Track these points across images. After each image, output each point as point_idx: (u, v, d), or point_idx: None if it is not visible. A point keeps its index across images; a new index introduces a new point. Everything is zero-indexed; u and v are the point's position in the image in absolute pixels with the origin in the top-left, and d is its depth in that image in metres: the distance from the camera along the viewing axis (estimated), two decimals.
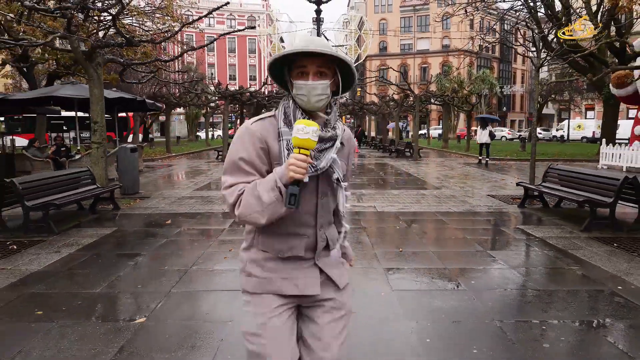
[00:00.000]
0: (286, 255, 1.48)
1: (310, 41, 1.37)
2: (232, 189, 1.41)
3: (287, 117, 1.44)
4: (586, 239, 5.33)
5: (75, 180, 7.10)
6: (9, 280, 4.00)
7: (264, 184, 1.36)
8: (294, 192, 1.30)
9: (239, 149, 1.43)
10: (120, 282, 3.95)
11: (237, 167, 1.42)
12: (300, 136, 1.29)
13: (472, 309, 3.30)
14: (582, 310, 3.30)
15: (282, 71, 1.46)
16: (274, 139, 1.42)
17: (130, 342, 2.83)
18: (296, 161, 1.29)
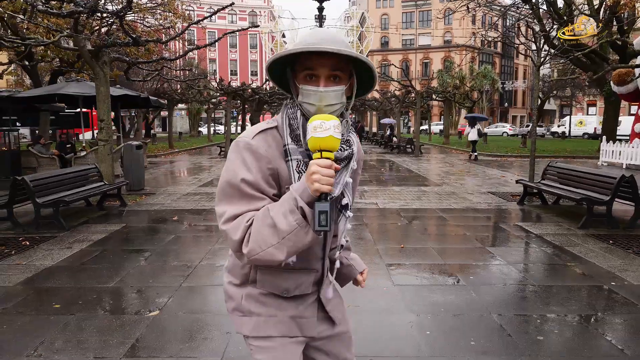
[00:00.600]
0: (292, 294, 1.26)
1: (322, 37, 1.12)
2: (237, 221, 1.11)
3: (294, 131, 1.17)
4: (583, 236, 5.47)
5: (83, 178, 7.25)
6: (25, 275, 4.16)
7: (278, 207, 1.07)
8: (323, 209, 1.02)
9: (239, 169, 1.13)
10: (132, 277, 4.10)
11: (239, 192, 1.12)
12: (319, 134, 1.03)
13: (471, 303, 3.45)
14: (577, 305, 3.45)
15: (284, 71, 1.22)
16: (280, 157, 1.16)
17: (146, 334, 2.98)
18: (320, 168, 1.02)
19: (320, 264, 1.28)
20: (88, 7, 4.96)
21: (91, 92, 10.81)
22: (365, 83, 1.25)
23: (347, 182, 1.17)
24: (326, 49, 1.07)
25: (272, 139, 1.17)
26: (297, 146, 1.16)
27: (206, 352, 2.74)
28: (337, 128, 1.04)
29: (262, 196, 1.13)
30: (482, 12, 39.28)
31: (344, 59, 1.14)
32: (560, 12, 16.75)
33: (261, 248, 1.07)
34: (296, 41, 1.16)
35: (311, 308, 1.30)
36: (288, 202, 1.06)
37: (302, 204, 1.04)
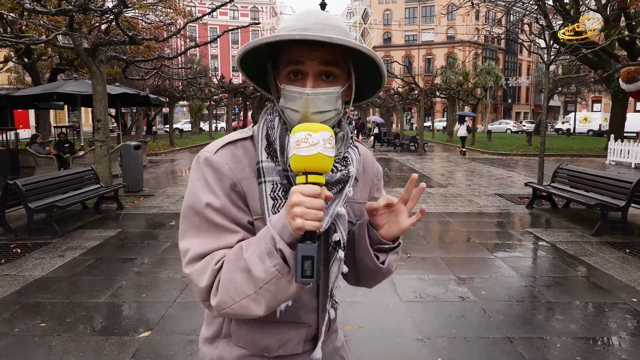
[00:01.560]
0: (274, 355, 0.97)
1: (312, 22, 0.86)
2: (203, 262, 0.86)
3: (271, 144, 0.91)
4: (597, 244, 5.24)
5: (78, 180, 7.04)
6: (13, 288, 3.96)
7: (253, 247, 0.83)
8: (309, 253, 0.77)
9: (201, 192, 0.89)
10: (125, 291, 3.90)
11: (205, 222, 0.88)
12: (304, 152, 0.76)
13: (483, 323, 3.23)
14: (597, 325, 3.22)
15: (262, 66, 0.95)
16: (251, 178, 0.91)
17: (136, 358, 2.78)
18: (304, 198, 0.76)
19: (314, 317, 0.99)
20: (78, 5, 4.73)
21: (88, 91, 10.61)
22: (369, 82, 0.96)
23: (339, 213, 0.90)
24: (316, 37, 0.80)
25: (243, 153, 0.92)
26: (274, 164, 0.90)
27: None
28: (328, 142, 0.77)
29: (234, 227, 0.88)
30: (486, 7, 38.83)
31: (341, 51, 0.86)
32: (567, 8, 16.42)
33: (234, 300, 0.83)
34: (280, 26, 0.90)
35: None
36: (264, 240, 0.81)
37: (281, 246, 0.79)
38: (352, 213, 1.00)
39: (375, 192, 1.09)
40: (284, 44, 0.86)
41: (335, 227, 0.91)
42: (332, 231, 0.91)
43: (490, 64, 38.24)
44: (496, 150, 19.26)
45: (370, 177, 1.07)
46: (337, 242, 0.91)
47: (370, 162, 1.08)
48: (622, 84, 14.33)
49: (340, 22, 0.91)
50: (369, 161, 1.08)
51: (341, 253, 0.91)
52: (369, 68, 0.92)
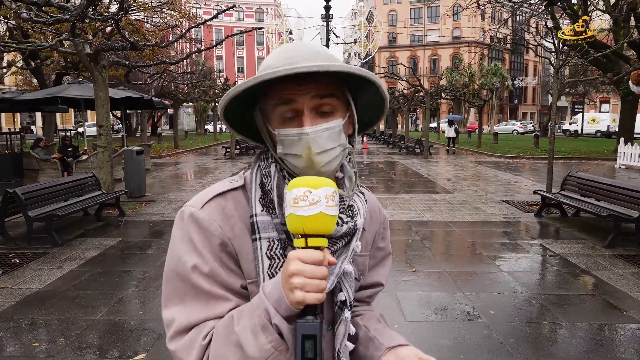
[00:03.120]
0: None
1: (296, 54, 0.76)
2: (190, 336, 0.75)
3: (267, 194, 0.80)
4: (610, 257, 5.07)
5: (80, 187, 6.98)
6: (9, 302, 3.88)
7: (247, 320, 0.71)
8: (310, 331, 0.67)
9: (186, 253, 0.78)
10: (121, 307, 3.80)
11: (191, 288, 0.77)
12: (303, 212, 0.67)
13: (494, 348, 3.08)
14: (612, 351, 3.07)
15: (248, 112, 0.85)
16: (243, 236, 0.80)
17: None
18: (304, 266, 0.66)
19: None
20: (74, 15, 4.64)
21: (92, 95, 10.59)
22: (370, 107, 0.87)
23: (345, 271, 0.81)
24: (305, 68, 0.70)
25: (233, 206, 0.81)
26: (270, 217, 0.79)
27: None
28: (331, 199, 0.68)
29: (225, 294, 0.77)
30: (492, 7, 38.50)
31: (334, 79, 0.78)
32: (574, 9, 16.18)
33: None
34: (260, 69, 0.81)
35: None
36: (257, 312, 0.70)
37: (277, 321, 0.68)
38: (356, 268, 0.89)
39: (380, 242, 0.99)
40: (269, 86, 0.75)
41: (341, 286, 0.82)
42: (338, 290, 0.82)
43: (496, 64, 37.96)
44: (503, 154, 19.04)
45: (376, 226, 0.97)
46: (343, 302, 0.82)
47: (377, 208, 0.99)
48: (632, 86, 14.08)
49: (324, 49, 0.81)
50: (375, 208, 0.98)
51: (347, 313, 0.83)
52: (367, 92, 0.83)
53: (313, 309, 0.68)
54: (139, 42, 6.37)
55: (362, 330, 0.92)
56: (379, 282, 1.00)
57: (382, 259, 1.00)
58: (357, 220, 0.82)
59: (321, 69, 0.71)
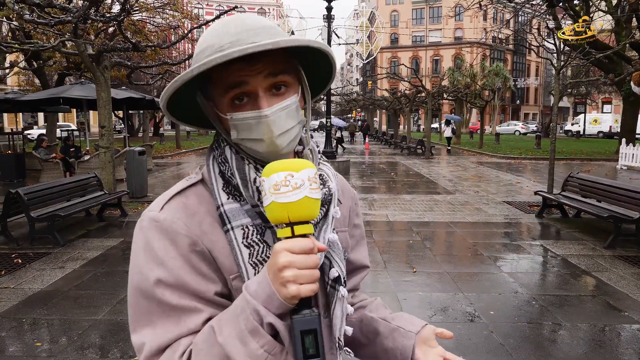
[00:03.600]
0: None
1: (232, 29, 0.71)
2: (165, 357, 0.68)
3: (230, 181, 0.76)
4: (610, 258, 5.07)
5: (82, 187, 7.01)
6: (11, 302, 3.90)
7: (230, 327, 0.65)
8: (309, 326, 0.63)
9: (147, 266, 0.71)
10: (124, 306, 3.81)
11: (157, 305, 0.69)
12: (287, 198, 0.63)
13: (493, 348, 3.09)
14: (611, 352, 3.07)
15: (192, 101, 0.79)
16: (214, 230, 0.74)
17: None
18: (295, 257, 0.62)
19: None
20: (77, 17, 4.67)
21: (94, 96, 10.63)
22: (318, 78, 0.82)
23: (330, 241, 0.75)
24: (259, 47, 0.64)
25: (196, 201, 0.75)
26: (239, 204, 0.73)
27: None
28: (313, 181, 0.64)
29: (196, 305, 0.70)
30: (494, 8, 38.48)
31: (285, 54, 0.72)
32: (576, 9, 16.16)
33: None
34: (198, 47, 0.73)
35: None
36: (244, 315, 0.64)
37: (270, 320, 0.63)
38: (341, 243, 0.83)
39: (355, 218, 0.94)
40: (214, 68, 0.66)
41: (331, 262, 0.76)
42: (328, 267, 0.76)
43: (498, 65, 37.91)
44: (505, 154, 19.03)
45: (349, 201, 0.92)
46: (336, 279, 0.76)
47: (346, 184, 0.94)
48: (633, 87, 14.06)
49: (264, 20, 0.75)
50: (344, 183, 0.93)
51: (343, 290, 0.76)
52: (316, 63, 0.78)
53: (308, 301, 0.63)
54: (141, 42, 6.39)
55: (381, 324, 0.88)
56: (364, 264, 0.96)
57: (360, 238, 0.96)
58: (330, 185, 0.78)
59: (275, 46, 0.65)
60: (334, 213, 0.77)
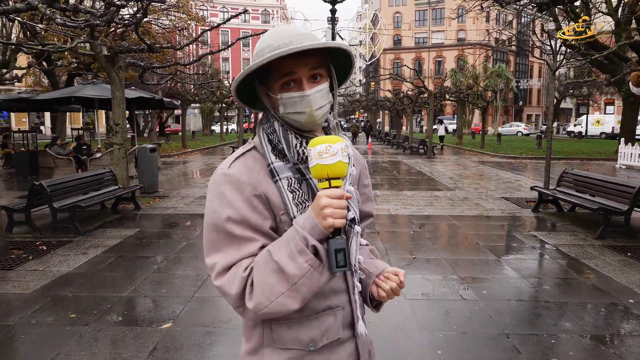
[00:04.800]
0: (320, 344, 1.04)
1: (291, 35, 0.98)
2: (231, 273, 0.95)
3: (276, 146, 1.03)
4: (600, 247, 5.37)
5: (98, 182, 7.37)
6: (42, 282, 4.25)
7: (282, 249, 0.92)
8: (341, 246, 0.90)
9: (220, 208, 0.97)
10: (146, 286, 4.16)
11: (226, 236, 0.96)
12: (327, 161, 0.89)
13: (483, 320, 3.41)
14: (593, 324, 3.39)
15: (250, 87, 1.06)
16: (267, 179, 1.00)
17: (159, 346, 3.02)
18: (331, 200, 0.88)
19: (345, 299, 1.07)
20: (105, 20, 5.03)
21: (106, 95, 10.98)
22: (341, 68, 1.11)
23: (349, 191, 1.01)
24: (306, 47, 0.93)
25: (253, 161, 1.03)
26: (283, 162, 1.01)
27: None
28: (344, 151, 0.91)
29: (254, 235, 0.96)
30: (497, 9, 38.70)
31: (320, 53, 1.00)
32: (576, 11, 16.43)
33: (270, 299, 0.91)
34: (258, 47, 1.02)
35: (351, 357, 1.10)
36: (294, 241, 0.91)
37: (314, 243, 0.89)
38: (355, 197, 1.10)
39: (365, 179, 1.22)
40: (271, 61, 0.95)
41: (349, 207, 0.99)
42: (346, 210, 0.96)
43: (500, 66, 38.08)
44: (506, 154, 19.29)
45: (360, 167, 1.19)
46: (352, 219, 1.01)
47: (359, 155, 1.22)
48: (632, 87, 14.32)
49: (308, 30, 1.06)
50: (357, 154, 1.20)
51: (357, 228, 1.02)
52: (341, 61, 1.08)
53: (339, 231, 0.90)
54: (155, 44, 6.74)
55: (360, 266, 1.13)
56: (370, 212, 1.23)
57: (369, 194, 1.24)
58: (349, 152, 1.04)
59: (315, 47, 0.94)
60: (351, 171, 1.04)
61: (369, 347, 1.17)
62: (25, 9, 4.79)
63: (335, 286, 1.05)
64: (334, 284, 1.04)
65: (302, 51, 0.94)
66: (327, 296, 1.04)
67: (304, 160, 1.00)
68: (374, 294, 1.10)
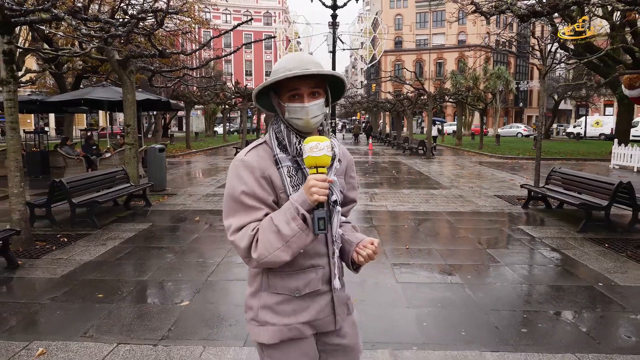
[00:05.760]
0: (303, 292, 1.39)
1: (300, 61, 1.32)
2: (242, 232, 1.29)
3: (281, 142, 1.37)
4: (580, 240, 5.78)
5: (111, 179, 7.81)
6: (68, 269, 4.68)
7: (280, 216, 1.26)
8: (321, 215, 1.25)
9: (236, 184, 1.32)
10: (163, 272, 4.59)
11: (240, 205, 1.31)
12: (315, 154, 1.23)
13: (465, 299, 3.83)
14: (561, 302, 3.80)
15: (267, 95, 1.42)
16: (272, 166, 1.35)
17: (179, 320, 3.45)
18: (317, 182, 1.22)
19: (325, 261, 1.41)
20: (126, 32, 5.47)
21: (115, 97, 11.45)
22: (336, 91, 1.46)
23: (333, 180, 1.33)
24: (311, 72, 1.28)
25: (263, 152, 1.37)
26: (285, 155, 1.35)
27: (231, 337, 3.19)
28: (329, 148, 1.26)
29: (260, 206, 1.31)
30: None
31: (321, 78, 1.34)
32: (572, 15, 16.82)
33: (269, 252, 1.25)
34: (275, 67, 1.36)
35: (326, 309, 1.42)
36: (289, 210, 1.25)
37: (303, 212, 1.24)
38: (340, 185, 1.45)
39: (351, 172, 1.56)
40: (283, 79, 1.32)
41: (332, 191, 1.36)
42: (331, 194, 1.35)
43: (500, 68, 38.48)
44: (503, 154, 19.68)
45: (346, 161, 1.53)
46: (335, 201, 1.37)
47: (346, 152, 1.55)
48: (624, 90, 14.71)
49: (315, 58, 1.39)
50: (345, 151, 1.54)
51: (338, 208, 1.39)
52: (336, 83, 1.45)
53: (322, 205, 1.26)
54: (166, 49, 7.19)
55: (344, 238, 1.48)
56: (353, 198, 1.59)
57: (353, 184, 1.57)
58: (335, 150, 1.40)
59: (316, 73, 1.30)
60: (336, 165, 1.39)
61: (345, 300, 1.51)
62: (51, 20, 5.23)
63: (318, 250, 1.39)
64: (317, 248, 1.39)
65: (305, 75, 1.31)
66: (312, 257, 1.38)
67: (300, 154, 1.36)
68: (354, 259, 1.43)
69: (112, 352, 2.97)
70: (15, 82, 5.43)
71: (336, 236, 1.41)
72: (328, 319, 1.42)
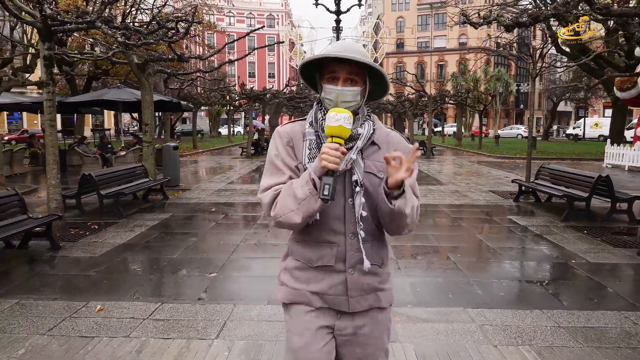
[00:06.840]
0: (315, 265, 1.45)
1: (343, 47, 1.38)
2: (268, 191, 1.42)
3: (309, 119, 1.48)
4: (563, 227, 6.38)
5: (132, 174, 8.45)
6: (105, 249, 5.30)
7: (298, 181, 1.35)
8: (327, 182, 1.26)
9: (272, 149, 1.47)
10: (189, 251, 5.21)
11: (271, 166, 1.45)
12: (332, 123, 1.27)
13: (454, 272, 4.44)
14: (536, 274, 4.41)
15: (312, 73, 1.48)
16: (299, 138, 1.44)
17: (210, 287, 4.07)
18: (328, 150, 1.26)
19: (342, 239, 1.41)
20: (157, 40, 6.12)
21: (130, 98, 12.11)
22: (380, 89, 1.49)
23: (353, 159, 1.36)
24: (344, 56, 1.33)
25: (298, 125, 1.49)
26: (312, 129, 1.44)
27: (256, 299, 3.80)
28: (347, 120, 1.27)
29: (286, 169, 1.42)
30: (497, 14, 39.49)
31: (359, 66, 1.37)
32: (568, 20, 17.40)
33: (283, 212, 1.35)
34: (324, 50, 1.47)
35: (339, 287, 1.44)
36: (305, 177, 1.33)
37: (313, 177, 1.30)
38: (376, 169, 1.43)
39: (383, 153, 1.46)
40: (327, 60, 1.40)
41: (353, 171, 1.39)
42: (353, 174, 1.39)
43: (500, 70, 39.07)
44: (501, 154, 20.27)
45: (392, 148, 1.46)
46: (356, 181, 1.39)
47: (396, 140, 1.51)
48: (616, 92, 15.29)
49: (362, 49, 1.43)
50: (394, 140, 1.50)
51: (358, 188, 1.38)
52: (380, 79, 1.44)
53: (331, 172, 1.27)
54: (184, 54, 7.81)
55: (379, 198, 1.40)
56: None
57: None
58: (359, 130, 1.41)
59: (354, 59, 1.33)
60: (359, 144, 1.39)
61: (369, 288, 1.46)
62: (86, 28, 5.86)
63: (334, 227, 1.42)
64: (334, 225, 1.41)
65: (344, 59, 1.36)
66: (328, 233, 1.42)
67: (323, 130, 1.40)
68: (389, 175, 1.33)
69: (158, 308, 3.59)
70: (53, 84, 6.07)
71: (358, 217, 1.40)
72: (341, 298, 1.44)
